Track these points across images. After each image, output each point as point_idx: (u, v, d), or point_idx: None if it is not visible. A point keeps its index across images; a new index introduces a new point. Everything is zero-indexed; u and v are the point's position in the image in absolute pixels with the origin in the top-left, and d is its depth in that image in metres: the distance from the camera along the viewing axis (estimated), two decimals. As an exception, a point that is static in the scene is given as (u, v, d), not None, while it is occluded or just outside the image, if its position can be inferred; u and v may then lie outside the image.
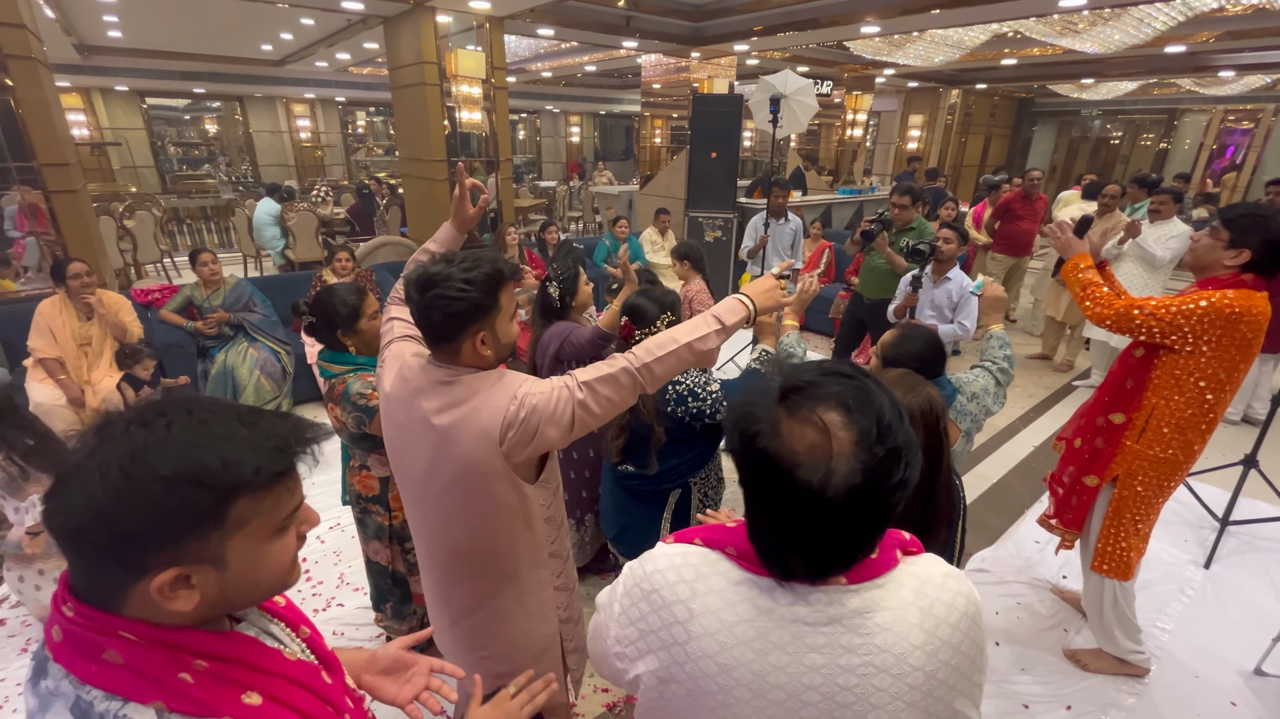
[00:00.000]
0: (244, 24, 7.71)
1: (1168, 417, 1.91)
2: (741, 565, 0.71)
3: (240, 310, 3.99)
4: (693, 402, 1.71)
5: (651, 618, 0.72)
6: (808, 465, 0.60)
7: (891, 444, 0.61)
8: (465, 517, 1.22)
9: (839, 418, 0.61)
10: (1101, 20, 5.42)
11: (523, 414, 1.12)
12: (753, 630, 0.67)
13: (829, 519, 0.62)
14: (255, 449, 0.58)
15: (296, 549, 0.66)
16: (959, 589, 0.71)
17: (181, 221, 10.67)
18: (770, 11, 6.03)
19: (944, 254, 3.15)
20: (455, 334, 1.15)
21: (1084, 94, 11.60)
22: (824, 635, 0.66)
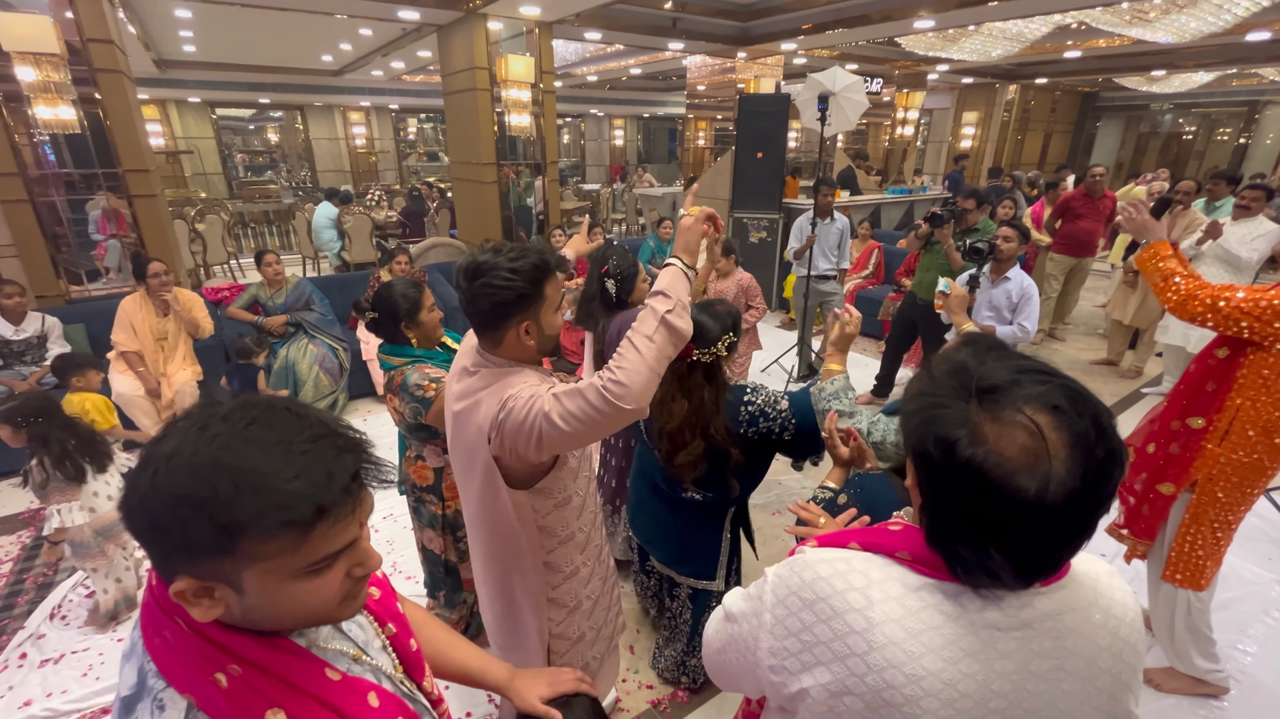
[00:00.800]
0: (307, 36, 8.08)
1: (1254, 419, 1.79)
2: (919, 571, 0.67)
3: (300, 308, 4.18)
4: (764, 421, 1.65)
5: (819, 628, 0.67)
6: (1024, 472, 0.56)
7: (1109, 445, 0.58)
8: (472, 498, 1.28)
9: (1049, 419, 0.57)
10: (1176, 7, 5.12)
11: (501, 417, 1.12)
12: (941, 638, 0.64)
13: (1046, 528, 0.58)
14: (266, 492, 0.54)
15: (342, 590, 0.61)
16: (1123, 587, 0.71)
17: (246, 225, 11.24)
18: (819, 9, 5.94)
19: (1003, 253, 3.03)
20: (500, 323, 1.18)
21: (1154, 87, 10.98)
22: (1015, 640, 0.64)
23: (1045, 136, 12.76)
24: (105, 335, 3.55)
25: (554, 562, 1.33)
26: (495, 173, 6.00)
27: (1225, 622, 2.38)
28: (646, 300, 1.14)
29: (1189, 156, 13.64)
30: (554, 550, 1.32)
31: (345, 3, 5.05)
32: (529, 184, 6.33)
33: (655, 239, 5.59)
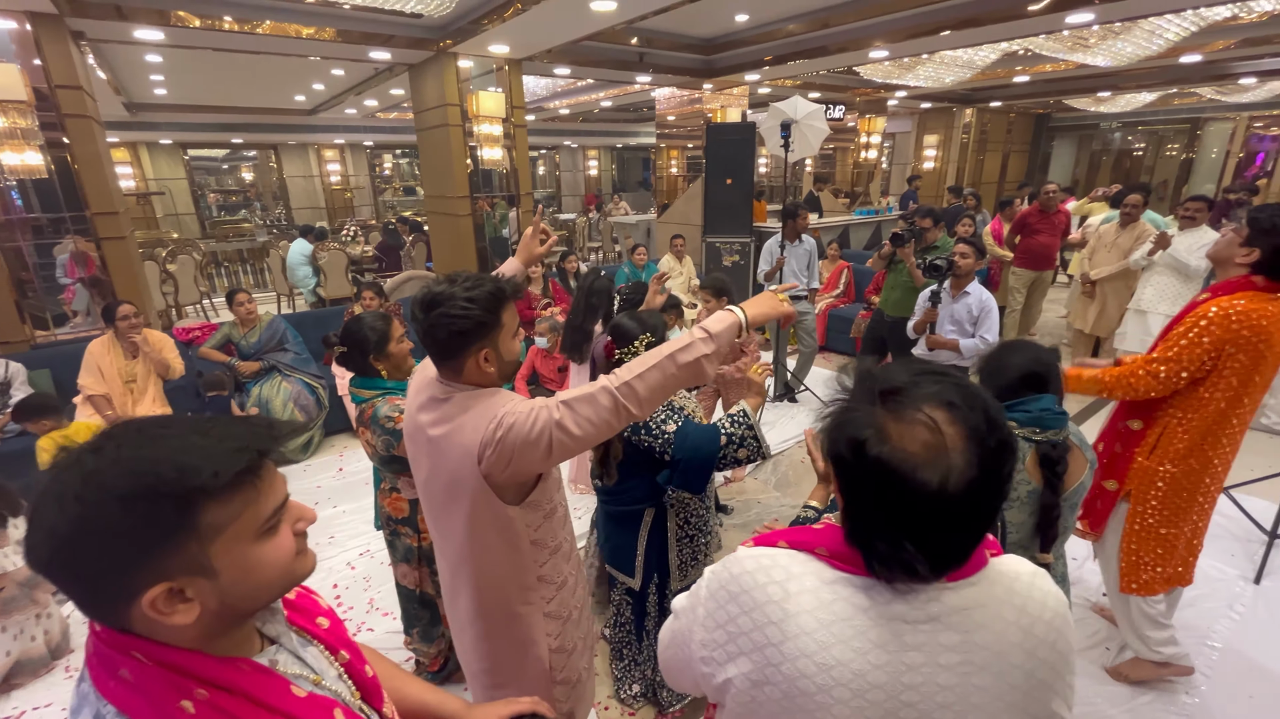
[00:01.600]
0: (279, 77, 8.16)
1: (1182, 433, 1.90)
2: (834, 565, 0.70)
3: (274, 347, 4.16)
4: (645, 434, 1.70)
5: (742, 619, 0.71)
6: (926, 465, 0.60)
7: (999, 435, 0.62)
8: (458, 528, 1.24)
9: (945, 414, 0.62)
10: (1112, 34, 5.44)
11: (499, 434, 1.12)
12: (851, 629, 0.66)
13: (951, 516, 0.62)
14: (210, 453, 0.57)
15: (295, 545, 0.65)
16: (1048, 588, 0.71)
17: (219, 264, 11.15)
18: (779, 42, 6.19)
19: (961, 269, 3.15)
20: (459, 351, 1.19)
21: (1102, 107, 11.53)
22: (923, 633, 0.66)
23: (1004, 156, 13.26)
24: (72, 380, 3.49)
25: (547, 575, 1.32)
26: (469, 205, 6.08)
27: (1192, 618, 2.44)
28: (699, 324, 1.17)
29: (1140, 172, 14.27)
30: (546, 564, 1.31)
31: (317, 45, 5.14)
32: (504, 215, 6.42)
33: (630, 265, 5.68)
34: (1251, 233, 1.81)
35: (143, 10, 4.19)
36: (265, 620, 0.69)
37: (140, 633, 0.57)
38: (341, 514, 3.36)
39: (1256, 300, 1.76)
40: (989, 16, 4.81)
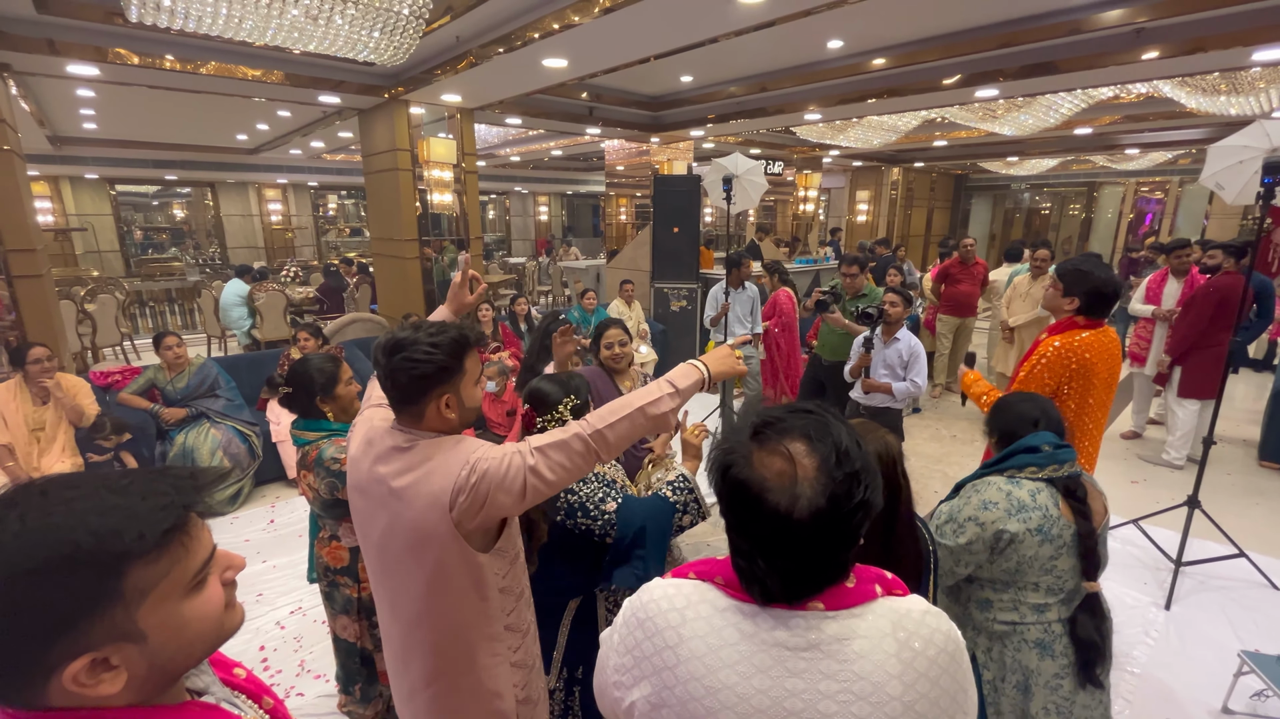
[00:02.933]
0: (221, 117, 8.00)
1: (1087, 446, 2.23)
2: (728, 593, 0.74)
3: (204, 393, 3.95)
4: (582, 517, 1.55)
5: (645, 645, 0.75)
6: (775, 490, 0.67)
7: (849, 468, 0.67)
8: (419, 584, 1.19)
9: (803, 447, 0.68)
10: (1015, 107, 6.06)
11: (473, 480, 1.11)
12: (736, 654, 0.70)
13: (798, 540, 0.67)
14: (132, 513, 0.54)
15: (225, 597, 0.63)
16: (938, 626, 0.73)
17: (144, 304, 10.56)
18: (722, 102, 6.57)
19: (890, 316, 3.36)
20: (420, 396, 1.19)
21: (1012, 170, 12.67)
22: (804, 660, 0.69)
23: (928, 212, 14.30)
24: (-31, 428, 3.21)
25: (513, 623, 1.28)
26: (417, 249, 6.05)
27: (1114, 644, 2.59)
28: (664, 377, 1.21)
29: (1047, 229, 15.63)
30: (512, 611, 1.28)
31: (264, 88, 5.10)
32: (452, 259, 6.40)
33: (580, 309, 5.74)
34: (1065, 286, 2.18)
35: (78, 46, 4.07)
36: (191, 675, 0.67)
37: (59, 707, 0.53)
38: (271, 570, 3.16)
39: (1082, 335, 2.13)
40: (909, 88, 5.29)
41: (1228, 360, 2.95)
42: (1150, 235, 13.27)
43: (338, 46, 3.24)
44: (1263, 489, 4.01)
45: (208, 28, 2.95)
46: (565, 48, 4.03)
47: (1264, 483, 4.11)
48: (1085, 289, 2.13)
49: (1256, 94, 4.89)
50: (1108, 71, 4.55)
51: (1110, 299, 2.14)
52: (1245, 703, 2.26)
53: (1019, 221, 16.20)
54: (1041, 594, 1.49)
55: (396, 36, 3.24)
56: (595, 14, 3.28)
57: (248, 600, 2.90)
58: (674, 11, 3.34)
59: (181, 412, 3.85)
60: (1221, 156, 2.87)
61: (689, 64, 5.54)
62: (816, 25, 4.12)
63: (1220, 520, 3.20)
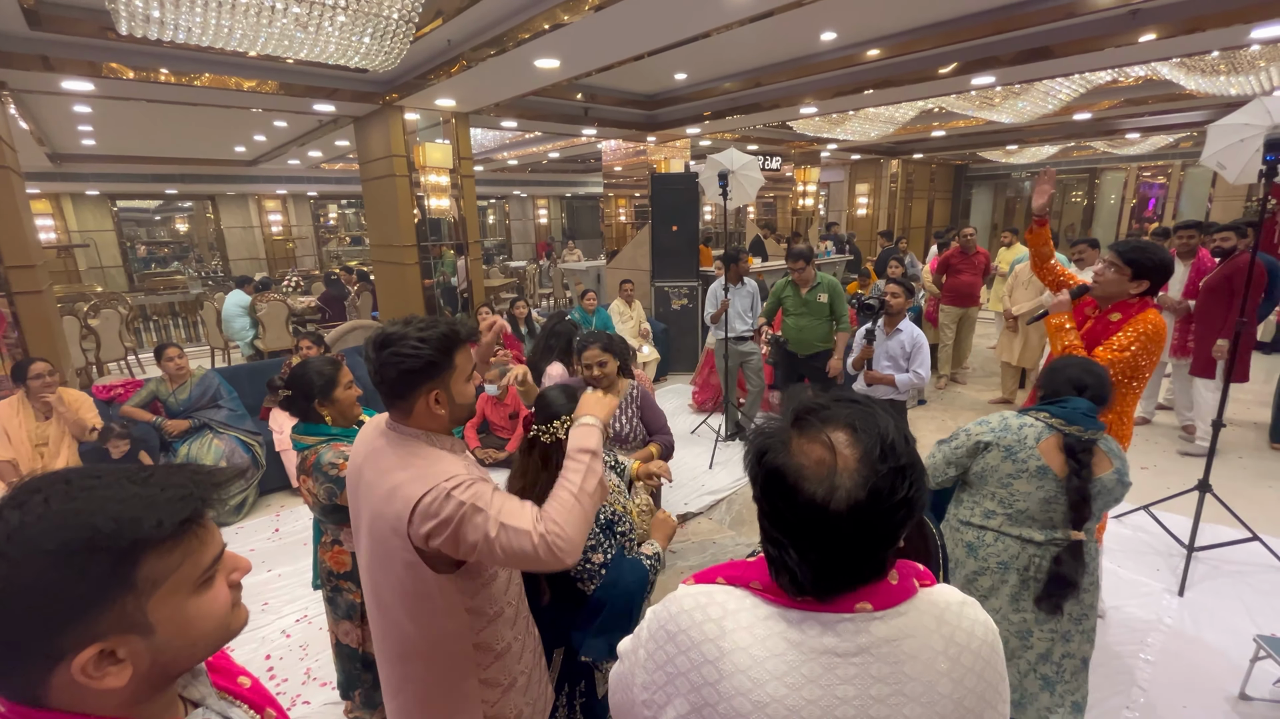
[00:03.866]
0: (218, 129, 8.03)
1: (1121, 424, 2.27)
2: (768, 599, 0.70)
3: (206, 403, 3.96)
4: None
5: (680, 660, 0.70)
6: (813, 479, 0.64)
7: (894, 463, 0.64)
8: (390, 582, 1.20)
9: (845, 436, 0.65)
10: (1013, 94, 6.01)
11: (434, 507, 1.09)
12: (784, 665, 0.66)
13: (833, 533, 0.64)
14: (151, 503, 0.55)
15: (231, 598, 0.63)
16: (976, 617, 0.71)
17: (148, 318, 10.61)
18: (717, 98, 6.54)
19: (892, 308, 3.33)
20: (409, 391, 1.18)
21: (1011, 159, 12.58)
22: (854, 666, 0.66)
23: (929, 203, 14.22)
24: (-27, 445, 3.22)
25: (484, 641, 1.26)
26: (416, 255, 6.05)
27: (1126, 634, 2.55)
28: (571, 451, 1.21)
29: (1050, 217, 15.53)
30: (483, 630, 1.25)
31: (259, 98, 5.11)
32: (451, 264, 6.40)
33: (580, 310, 5.73)
34: (1135, 269, 2.18)
35: (72, 62, 4.09)
36: (187, 684, 0.66)
37: (56, 707, 0.53)
38: (277, 578, 3.16)
39: (1157, 314, 2.19)
40: (905, 78, 5.25)
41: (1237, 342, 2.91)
42: (1153, 221, 13.17)
43: (329, 53, 3.23)
44: (1275, 472, 3.96)
45: (198, 39, 2.95)
46: (557, 47, 4.02)
47: (1276, 466, 4.05)
48: (1154, 268, 2.16)
49: (1257, 73, 4.83)
50: (1105, 55, 4.50)
51: (1170, 275, 2.23)
52: (1265, 689, 2.22)
53: (1020, 210, 16.09)
54: (995, 504, 1.72)
55: (387, 42, 3.23)
56: (585, 12, 3.27)
57: (253, 610, 2.89)
58: (663, 7, 3.33)
59: (184, 423, 3.86)
60: (1222, 135, 2.83)
61: (682, 61, 5.52)
62: (808, 17, 4.10)
63: (1232, 504, 3.16)
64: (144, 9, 2.68)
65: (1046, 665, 1.72)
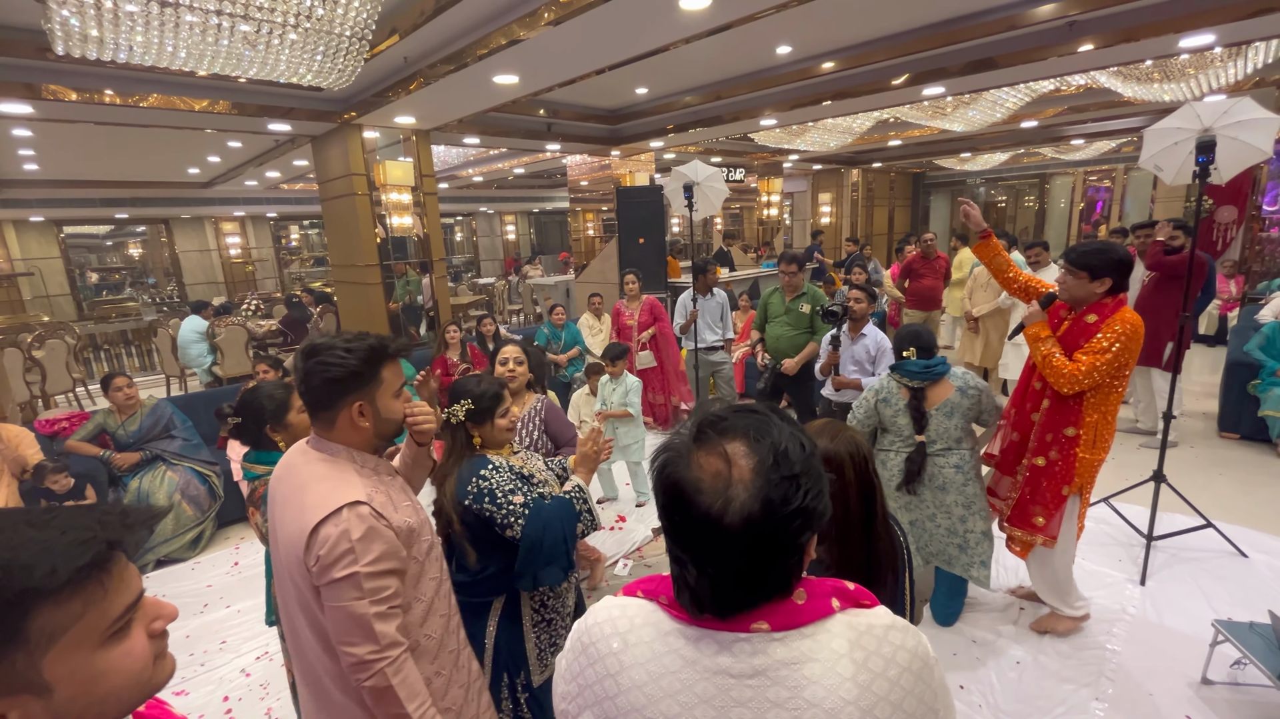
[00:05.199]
0: (169, 150, 7.82)
1: (1106, 424, 2.28)
2: (672, 615, 0.69)
3: (158, 435, 3.80)
4: (489, 504, 1.58)
5: (589, 672, 0.70)
6: (708, 492, 0.61)
7: (787, 471, 0.62)
8: (297, 614, 1.18)
9: (742, 447, 0.63)
10: (963, 104, 6.22)
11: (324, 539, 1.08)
12: (678, 683, 0.65)
13: (729, 546, 0.61)
14: (47, 548, 0.50)
15: (151, 649, 0.58)
16: (902, 643, 0.66)
17: (98, 348, 10.20)
18: (678, 112, 6.62)
19: (856, 313, 3.38)
20: (334, 401, 1.18)
21: (966, 166, 13.01)
22: (750, 689, 0.63)
23: (889, 210, 14.59)
24: (-100, 489, 3.02)
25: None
26: (379, 274, 5.95)
27: (1093, 625, 2.60)
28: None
29: (1004, 221, 16.07)
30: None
31: (211, 118, 4.99)
32: (416, 282, 6.31)
33: (550, 325, 5.69)
34: (1091, 271, 2.21)
35: (8, 84, 3.93)
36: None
37: None
38: (236, 614, 3.03)
39: (1130, 311, 2.21)
40: (860, 89, 5.39)
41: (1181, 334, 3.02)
42: (1101, 223, 13.73)
43: (280, 72, 3.17)
44: (1225, 460, 4.12)
45: (140, 58, 2.86)
46: (515, 63, 4.01)
47: (1225, 453, 4.22)
48: (1112, 266, 2.18)
49: (1187, 80, 5.09)
50: (1047, 64, 4.70)
51: (1130, 269, 2.24)
52: (1224, 672, 2.28)
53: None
54: (892, 437, 2.53)
55: (340, 59, 3.18)
56: (542, 28, 3.28)
57: (210, 649, 2.77)
58: (619, 22, 3.35)
59: (135, 456, 3.69)
60: (1157, 139, 2.95)
61: (642, 75, 5.57)
62: (763, 31, 4.18)
63: (1186, 493, 3.27)
64: (81, 28, 2.59)
65: (956, 537, 2.47)
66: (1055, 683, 2.31)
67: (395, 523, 1.17)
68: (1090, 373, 2.20)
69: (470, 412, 1.68)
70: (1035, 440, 2.40)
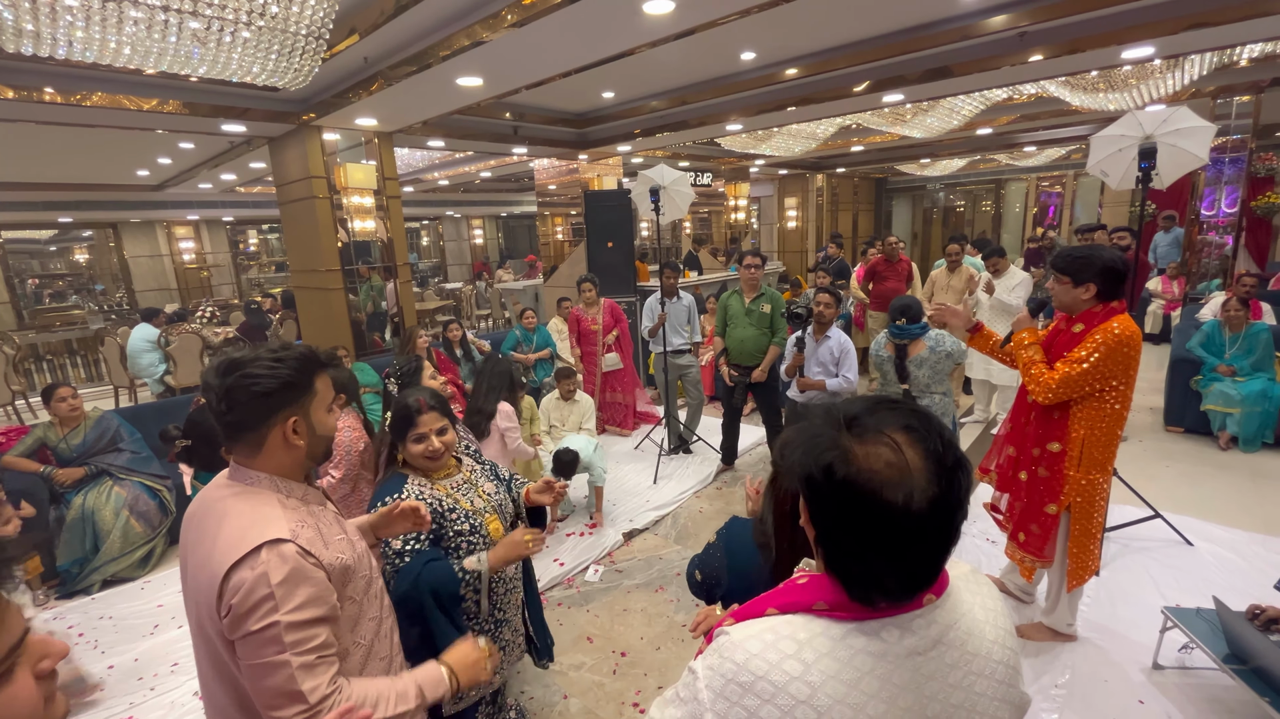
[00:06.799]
0: (116, 152, 7.50)
1: (1096, 441, 2.18)
2: (839, 618, 0.67)
3: (104, 448, 3.63)
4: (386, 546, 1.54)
5: (766, 710, 0.64)
6: (891, 484, 0.62)
7: (956, 454, 0.65)
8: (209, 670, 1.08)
9: (905, 437, 0.65)
10: (921, 111, 6.40)
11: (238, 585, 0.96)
12: (877, 681, 0.65)
13: (919, 532, 0.63)
14: None
15: (38, 692, 0.53)
16: (985, 581, 0.78)
17: (41, 358, 9.72)
18: (645, 116, 6.64)
19: (824, 317, 3.43)
20: (264, 419, 1.05)
21: (926, 171, 13.37)
22: (933, 661, 0.67)
23: (854, 214, 14.89)
24: None
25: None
26: (341, 279, 5.80)
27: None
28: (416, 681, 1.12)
29: (962, 225, 16.56)
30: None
31: (160, 119, 4.80)
32: (380, 287, 6.18)
33: (521, 329, 5.64)
34: (1074, 276, 2.14)
35: (-64, 80, 3.72)
36: None
37: None
38: (187, 635, 2.87)
39: (1124, 320, 2.09)
40: (822, 95, 5.49)
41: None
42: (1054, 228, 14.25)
43: (231, 70, 3.07)
44: (1170, 452, 4.30)
45: (81, 54, 2.74)
46: (479, 65, 3.97)
47: (1171, 446, 4.41)
48: (1097, 271, 2.07)
49: (1130, 90, 5.32)
50: (1000, 73, 4.86)
51: (1124, 275, 2.10)
52: (1174, 657, 2.37)
53: (937, 220, 17.08)
54: (882, 380, 3.35)
55: (296, 59, 3.10)
56: (504, 30, 3.24)
57: (160, 673, 2.65)
58: (583, 25, 3.34)
59: (79, 471, 3.51)
60: (1103, 146, 3.08)
61: (608, 79, 5.57)
62: (727, 37, 4.22)
63: (1136, 484, 3.40)
64: (15, 22, 2.46)
65: None
66: (1016, 674, 2.37)
67: (326, 561, 1.05)
68: (1065, 383, 2.12)
69: (392, 424, 1.60)
70: (1023, 454, 2.36)
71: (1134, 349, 2.09)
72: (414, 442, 1.60)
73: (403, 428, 1.60)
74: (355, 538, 1.19)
